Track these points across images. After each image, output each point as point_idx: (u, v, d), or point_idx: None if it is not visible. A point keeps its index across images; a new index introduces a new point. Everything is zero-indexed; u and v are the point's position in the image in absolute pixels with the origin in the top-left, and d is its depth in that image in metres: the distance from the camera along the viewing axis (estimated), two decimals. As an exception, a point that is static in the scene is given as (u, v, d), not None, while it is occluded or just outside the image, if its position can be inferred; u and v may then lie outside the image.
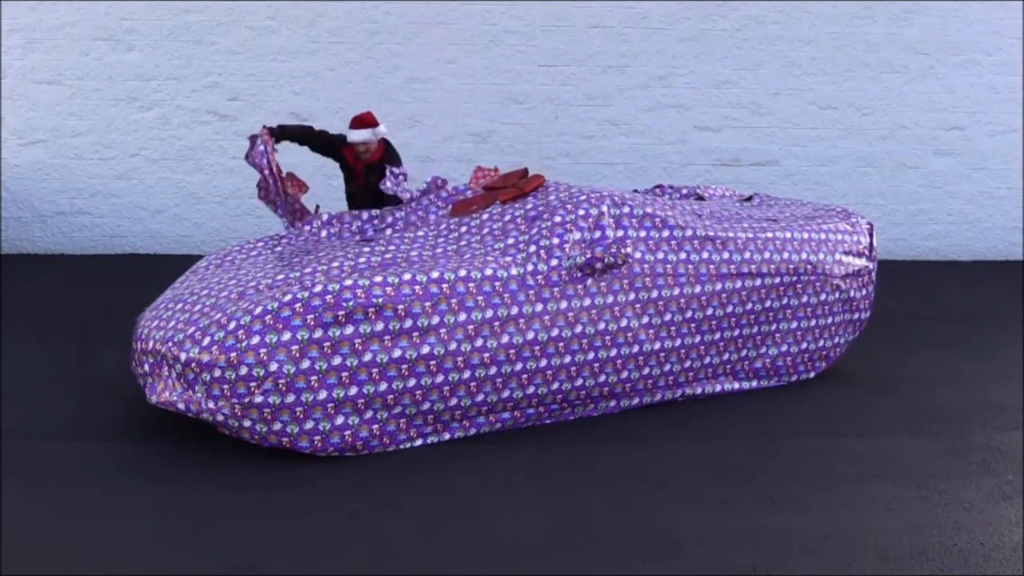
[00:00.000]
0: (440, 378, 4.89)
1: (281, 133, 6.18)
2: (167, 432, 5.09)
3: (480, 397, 5.02)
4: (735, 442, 5.17)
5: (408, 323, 4.80)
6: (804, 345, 5.97)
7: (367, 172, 6.38)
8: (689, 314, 5.52)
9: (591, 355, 5.25)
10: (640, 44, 9.42)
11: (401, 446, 4.94)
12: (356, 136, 6.28)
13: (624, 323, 5.33)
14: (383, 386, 4.79)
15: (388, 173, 5.98)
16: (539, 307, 5.12)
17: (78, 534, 4.05)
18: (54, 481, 4.54)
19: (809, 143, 9.63)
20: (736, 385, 5.83)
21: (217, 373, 4.62)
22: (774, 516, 4.35)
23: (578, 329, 5.20)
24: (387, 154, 6.37)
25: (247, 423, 4.66)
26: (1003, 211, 9.90)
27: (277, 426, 4.67)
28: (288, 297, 4.73)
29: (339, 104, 9.28)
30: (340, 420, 4.75)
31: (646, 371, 5.45)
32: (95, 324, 6.92)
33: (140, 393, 5.45)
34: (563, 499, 4.46)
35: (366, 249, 5.25)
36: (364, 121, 6.31)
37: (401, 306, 4.79)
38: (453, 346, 4.89)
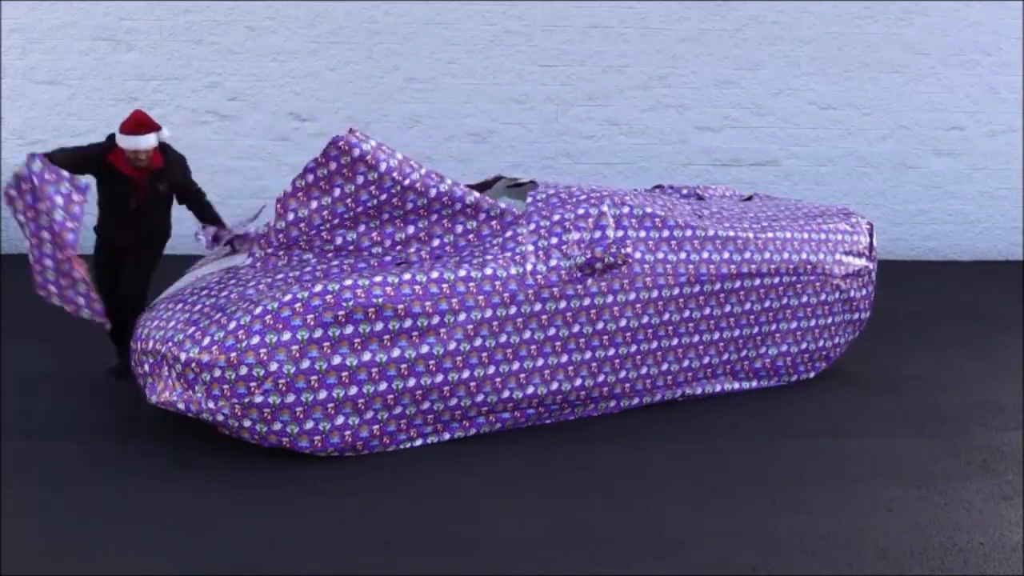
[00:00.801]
0: (440, 378, 4.89)
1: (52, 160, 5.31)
2: (167, 432, 5.08)
3: (480, 397, 5.02)
4: (735, 442, 5.17)
5: (408, 323, 4.80)
6: (804, 345, 5.97)
7: (152, 179, 5.56)
8: (688, 314, 5.52)
9: (588, 355, 5.26)
10: (640, 44, 9.42)
11: (401, 446, 4.93)
12: (142, 143, 5.39)
13: (623, 323, 5.33)
14: (383, 386, 4.79)
15: (216, 235, 5.61)
16: (537, 307, 5.12)
17: (78, 534, 4.05)
18: (54, 481, 4.54)
19: (809, 143, 9.62)
20: (736, 385, 5.83)
21: (217, 373, 4.62)
22: (774, 516, 4.35)
23: (575, 329, 5.20)
24: (169, 158, 5.62)
25: (247, 423, 4.66)
26: (1003, 211, 9.90)
27: (277, 426, 4.67)
28: (288, 297, 4.73)
29: (339, 104, 9.28)
30: (340, 420, 4.75)
31: (644, 370, 5.45)
32: (95, 324, 6.91)
33: (140, 393, 5.45)
34: (563, 499, 4.46)
35: (365, 243, 5.24)
36: (147, 125, 5.41)
37: (401, 306, 4.79)
38: (452, 346, 4.89)
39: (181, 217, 9.33)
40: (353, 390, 4.74)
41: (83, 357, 6.22)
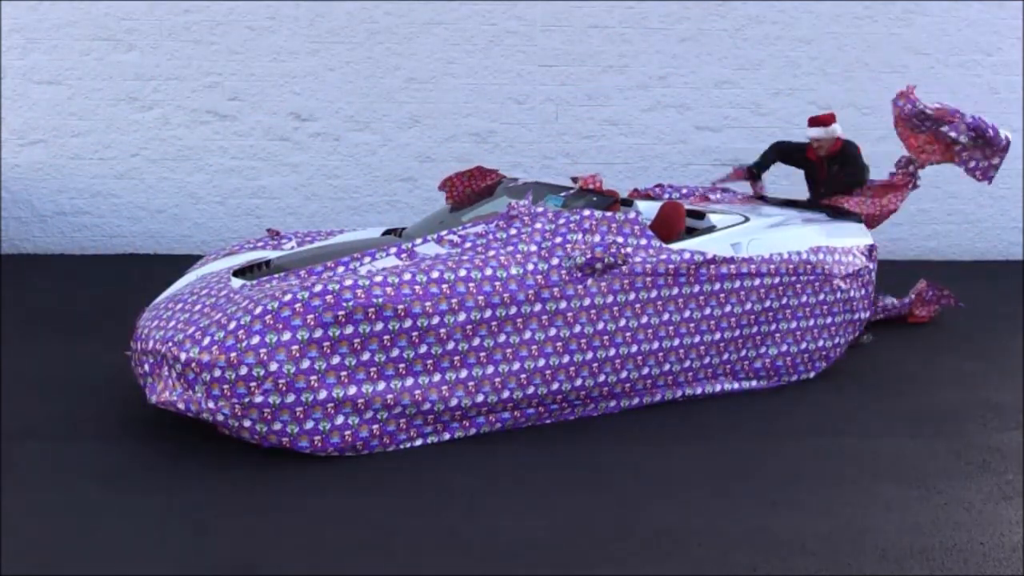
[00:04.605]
0: (439, 377, 4.89)
1: (759, 170, 7.32)
2: (167, 432, 5.08)
3: (480, 398, 5.02)
4: (735, 442, 5.17)
5: (408, 323, 4.79)
6: (804, 345, 5.97)
7: (828, 163, 7.04)
8: (688, 314, 5.52)
9: (589, 355, 5.25)
10: (640, 44, 9.42)
11: (401, 446, 4.93)
12: (811, 132, 6.99)
13: (623, 323, 5.32)
14: (382, 386, 4.79)
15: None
16: (538, 307, 5.11)
17: (78, 534, 4.05)
18: (54, 481, 4.54)
19: (809, 143, 9.61)
20: (736, 385, 5.83)
21: (217, 373, 4.62)
22: (774, 516, 4.35)
23: (576, 329, 5.20)
24: (844, 151, 6.98)
25: (247, 423, 4.66)
26: (1003, 211, 9.89)
27: (277, 426, 4.67)
28: (288, 297, 4.73)
29: (339, 104, 9.28)
30: (340, 420, 4.75)
31: (645, 371, 5.45)
32: (95, 324, 6.92)
33: (140, 393, 5.45)
34: (563, 498, 4.46)
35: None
36: (818, 121, 6.98)
37: (401, 306, 4.78)
38: (451, 345, 4.89)
39: (183, 217, 9.35)
40: (353, 390, 4.74)
41: (83, 357, 6.22)
